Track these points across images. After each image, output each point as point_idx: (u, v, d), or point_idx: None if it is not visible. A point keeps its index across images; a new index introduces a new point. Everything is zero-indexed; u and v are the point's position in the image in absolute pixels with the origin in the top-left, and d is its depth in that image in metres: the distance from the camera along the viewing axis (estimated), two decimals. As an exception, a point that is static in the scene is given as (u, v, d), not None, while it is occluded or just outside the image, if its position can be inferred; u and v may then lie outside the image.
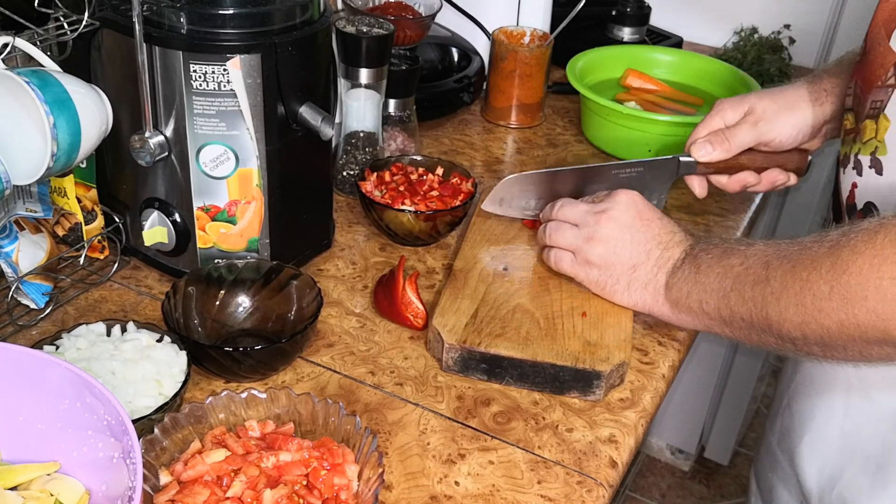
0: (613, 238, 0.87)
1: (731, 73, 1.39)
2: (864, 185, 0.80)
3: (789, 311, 0.69)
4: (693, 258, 0.81)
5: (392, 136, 1.22)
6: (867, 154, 0.79)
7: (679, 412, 2.14)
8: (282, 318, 0.89)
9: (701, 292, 0.78)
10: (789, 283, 0.69)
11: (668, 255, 0.84)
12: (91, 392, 0.61)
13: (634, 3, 1.64)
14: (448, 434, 0.80)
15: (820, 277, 0.67)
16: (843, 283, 0.65)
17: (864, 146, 0.80)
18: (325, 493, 0.68)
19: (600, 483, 0.76)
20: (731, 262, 0.76)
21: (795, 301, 0.69)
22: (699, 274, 0.79)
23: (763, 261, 0.73)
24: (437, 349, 0.87)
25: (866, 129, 0.80)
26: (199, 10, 0.83)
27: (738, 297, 0.74)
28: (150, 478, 0.67)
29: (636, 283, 0.86)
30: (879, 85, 0.78)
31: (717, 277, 0.77)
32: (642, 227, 0.86)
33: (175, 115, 0.87)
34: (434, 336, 0.87)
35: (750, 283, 0.73)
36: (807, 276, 0.68)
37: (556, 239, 0.91)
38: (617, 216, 0.87)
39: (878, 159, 0.78)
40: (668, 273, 0.83)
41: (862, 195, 0.80)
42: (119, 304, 0.94)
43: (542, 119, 1.42)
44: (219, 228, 0.92)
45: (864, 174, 0.80)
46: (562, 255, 0.91)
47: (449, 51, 1.44)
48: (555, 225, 0.92)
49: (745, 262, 0.75)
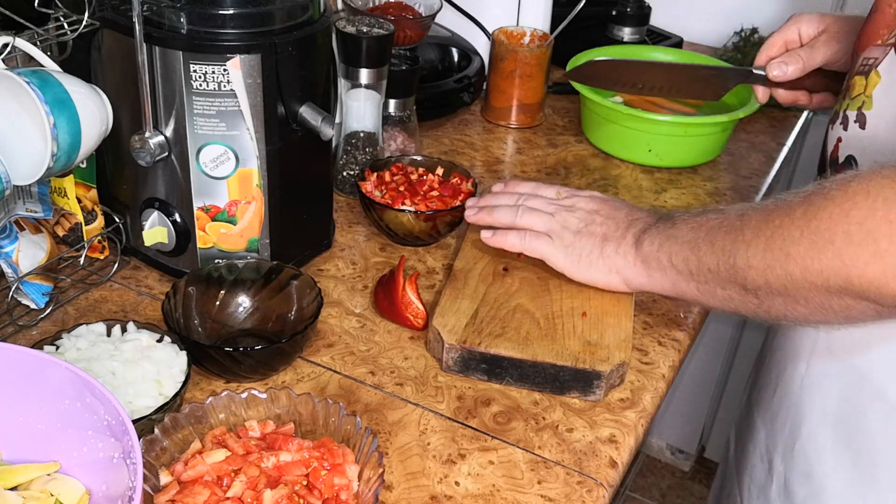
0: (584, 219, 0.89)
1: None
2: (847, 139, 0.81)
3: (756, 256, 0.70)
4: (667, 217, 0.83)
5: (392, 136, 1.22)
6: (854, 109, 0.80)
7: (679, 412, 2.14)
8: (282, 318, 0.89)
9: (672, 244, 0.79)
10: (762, 229, 0.70)
11: (637, 224, 0.85)
12: (91, 392, 0.61)
13: (634, 3, 1.64)
14: (448, 434, 0.80)
15: (792, 223, 0.68)
16: (812, 227, 0.66)
17: (853, 101, 0.81)
18: (325, 493, 0.68)
19: (600, 483, 0.76)
20: (708, 216, 0.78)
21: (764, 246, 0.70)
22: (673, 228, 0.80)
23: (739, 213, 0.74)
24: (437, 349, 0.87)
25: (855, 86, 0.81)
26: (199, 10, 0.83)
27: (708, 247, 0.75)
28: (151, 478, 0.67)
29: (608, 249, 0.86)
30: (879, 43, 0.79)
31: (691, 229, 0.78)
32: (609, 211, 0.89)
33: (175, 115, 0.87)
34: (434, 336, 0.87)
35: (723, 232, 0.74)
36: (779, 223, 0.69)
37: (531, 221, 0.91)
38: (584, 206, 0.90)
39: (864, 113, 0.79)
40: (637, 234, 0.84)
41: (845, 149, 0.82)
42: (119, 305, 0.94)
43: (542, 119, 1.42)
44: (219, 228, 0.92)
45: (848, 128, 0.81)
46: (537, 236, 0.91)
47: (449, 51, 1.44)
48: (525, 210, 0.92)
49: (721, 215, 0.76)
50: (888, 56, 0.77)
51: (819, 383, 0.88)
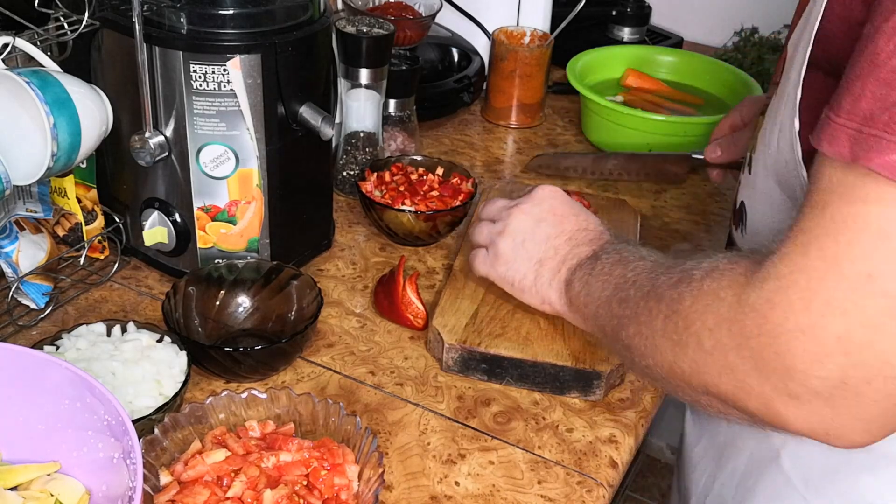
0: (522, 231, 0.82)
1: (731, 73, 1.39)
2: (742, 184, 0.79)
3: (635, 339, 0.66)
4: (594, 259, 0.76)
5: (392, 136, 1.22)
6: (749, 153, 0.78)
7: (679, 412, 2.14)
8: (282, 318, 0.89)
9: (587, 295, 0.75)
10: (640, 309, 0.66)
11: (576, 253, 0.79)
12: (91, 392, 0.61)
13: (634, 3, 1.64)
14: (448, 434, 0.80)
15: (660, 312, 0.63)
16: (672, 323, 0.61)
17: (752, 145, 0.78)
18: (325, 493, 0.68)
19: (600, 483, 0.76)
20: (619, 271, 0.72)
21: (637, 331, 0.65)
22: (591, 276, 0.75)
23: (635, 278, 0.69)
24: (437, 349, 0.87)
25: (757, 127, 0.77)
26: (199, 10, 0.83)
27: (606, 311, 0.71)
28: (151, 478, 0.67)
29: (542, 279, 0.80)
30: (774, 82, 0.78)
31: (602, 285, 0.73)
32: (555, 223, 0.82)
33: (175, 115, 0.87)
34: (434, 336, 0.87)
35: (618, 299, 0.70)
36: (650, 308, 0.64)
37: (475, 236, 0.87)
38: (529, 209, 0.83)
39: (750, 156, 0.76)
40: (571, 270, 0.78)
41: (740, 194, 0.79)
42: (119, 305, 0.94)
43: (542, 119, 1.42)
44: (219, 228, 0.92)
45: (743, 173, 0.79)
46: (476, 253, 0.86)
47: (449, 51, 1.44)
48: (476, 224, 0.88)
49: (626, 274, 0.70)
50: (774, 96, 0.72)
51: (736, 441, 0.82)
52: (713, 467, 0.86)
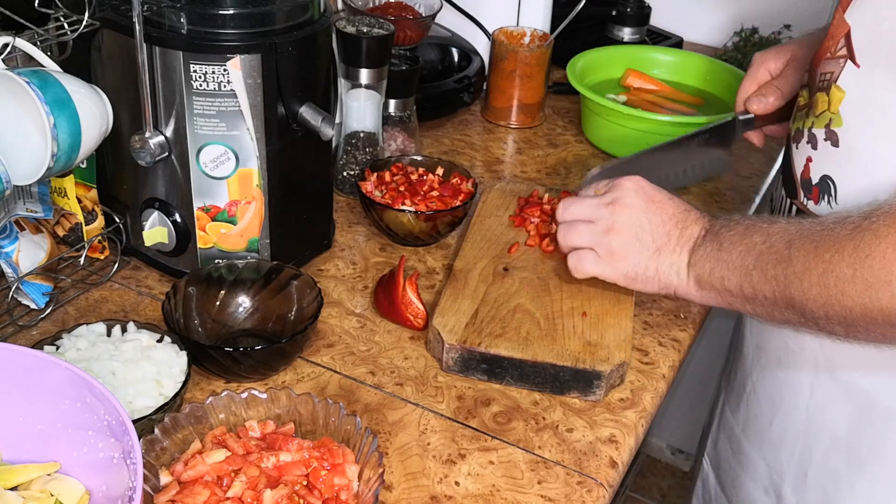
0: (632, 225, 0.83)
1: (731, 73, 1.39)
2: (818, 158, 0.80)
3: (812, 291, 0.69)
4: (714, 235, 0.79)
5: (392, 136, 1.22)
6: (821, 127, 0.79)
7: (679, 412, 2.14)
8: (282, 318, 0.89)
9: (724, 269, 0.77)
10: (812, 264, 0.69)
11: (688, 234, 0.82)
12: (91, 392, 0.61)
13: (634, 3, 1.64)
14: (448, 434, 0.80)
15: (843, 260, 0.67)
16: (866, 266, 0.65)
17: (818, 119, 0.79)
18: (325, 493, 0.68)
19: (600, 483, 0.76)
20: (754, 239, 0.75)
21: (818, 282, 0.68)
22: (721, 251, 0.77)
23: (786, 239, 0.72)
24: (437, 349, 0.87)
25: (818, 102, 0.79)
26: (200, 10, 0.83)
27: (760, 276, 0.73)
28: (151, 478, 0.67)
29: (663, 265, 0.82)
30: (829, 56, 0.78)
31: (740, 255, 0.75)
32: (657, 210, 0.83)
33: (175, 116, 0.87)
34: (434, 336, 0.87)
35: (773, 261, 0.72)
36: (829, 258, 0.68)
37: (573, 239, 0.86)
38: (630, 202, 0.84)
39: (833, 131, 0.78)
40: (691, 251, 0.81)
41: (817, 169, 0.80)
42: (119, 305, 0.94)
43: (542, 119, 1.42)
44: (219, 228, 0.92)
45: (818, 147, 0.80)
46: (583, 255, 0.85)
47: (449, 51, 1.44)
48: (566, 226, 0.87)
49: (768, 240, 0.74)
50: (846, 69, 0.76)
51: (826, 409, 0.86)
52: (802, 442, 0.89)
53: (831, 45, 0.78)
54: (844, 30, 0.76)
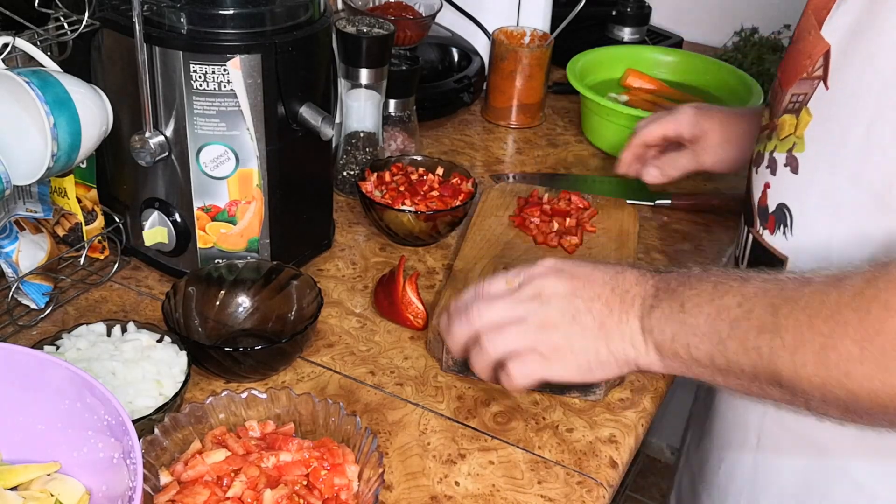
0: (565, 311, 0.69)
1: (731, 73, 1.39)
2: (777, 184, 0.73)
3: (807, 369, 0.59)
4: (670, 293, 0.66)
5: (392, 136, 1.22)
6: (783, 151, 0.72)
7: (679, 412, 2.14)
8: (282, 318, 0.89)
9: (689, 335, 0.65)
10: (807, 336, 0.59)
11: (630, 297, 0.68)
12: (91, 392, 0.61)
13: (634, 3, 1.64)
14: (448, 434, 0.80)
15: (846, 335, 0.57)
16: (876, 345, 0.56)
17: (781, 143, 0.73)
18: (325, 493, 0.68)
19: (600, 483, 0.76)
20: (725, 301, 0.63)
21: (815, 360, 0.58)
22: (684, 313, 0.65)
23: (768, 303, 0.61)
24: (437, 349, 0.87)
25: (784, 125, 0.72)
26: (200, 10, 0.83)
27: (737, 346, 0.62)
28: (151, 478, 0.67)
29: (613, 341, 0.68)
30: (805, 77, 0.70)
31: (709, 319, 0.63)
32: (585, 285, 0.70)
33: (175, 115, 0.87)
34: (434, 336, 0.87)
35: (754, 330, 0.61)
36: (829, 332, 0.58)
37: (507, 344, 0.71)
38: (554, 289, 0.70)
39: (794, 156, 0.71)
40: (641, 316, 0.68)
41: (775, 196, 0.74)
42: (119, 305, 0.94)
43: (542, 119, 1.42)
44: (219, 228, 0.92)
45: (777, 173, 0.73)
46: (526, 360, 0.70)
47: (449, 51, 1.44)
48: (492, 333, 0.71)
49: (745, 303, 0.62)
50: (817, 91, 0.69)
51: (774, 460, 0.79)
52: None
53: (808, 65, 0.70)
54: (824, 48, 0.69)
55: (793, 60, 0.73)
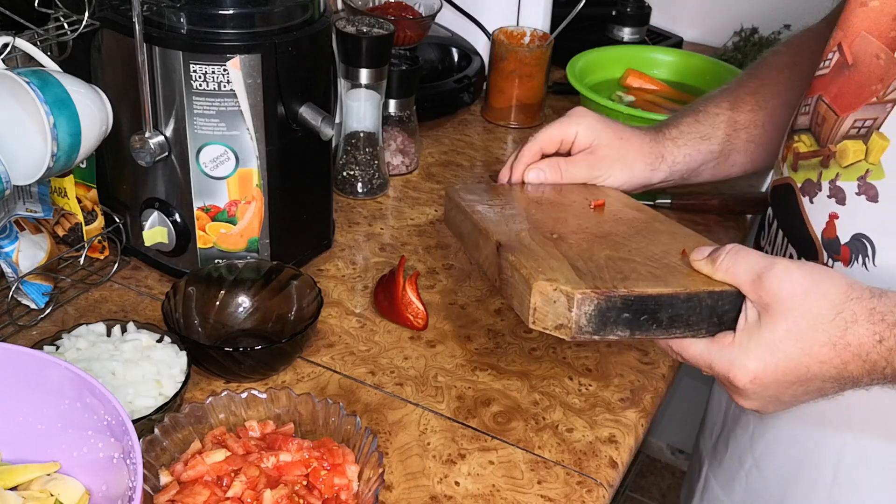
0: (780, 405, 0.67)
1: (731, 73, 1.38)
2: (848, 214, 0.70)
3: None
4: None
5: (392, 136, 1.22)
6: (852, 179, 0.69)
7: (679, 412, 2.14)
8: (282, 318, 0.89)
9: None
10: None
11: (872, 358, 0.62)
12: (91, 392, 0.61)
13: (634, 3, 1.64)
14: (448, 434, 0.80)
15: None
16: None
17: (846, 171, 0.70)
18: (325, 493, 0.68)
19: (600, 483, 0.76)
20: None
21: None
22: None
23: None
24: (553, 314, 0.67)
25: (847, 152, 0.70)
26: (199, 10, 0.83)
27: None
28: (151, 478, 0.67)
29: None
30: (875, 101, 0.68)
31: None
32: (807, 392, 0.65)
33: (175, 116, 0.87)
34: (546, 298, 0.67)
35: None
36: None
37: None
38: (758, 405, 0.66)
39: (871, 184, 0.68)
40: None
41: (848, 227, 0.70)
42: (119, 305, 0.94)
43: (542, 119, 1.41)
44: (219, 228, 0.92)
45: (847, 202, 0.70)
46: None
47: (449, 51, 1.44)
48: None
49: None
50: (892, 114, 0.66)
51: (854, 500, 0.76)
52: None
53: (879, 89, 0.68)
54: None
55: (855, 84, 0.70)
